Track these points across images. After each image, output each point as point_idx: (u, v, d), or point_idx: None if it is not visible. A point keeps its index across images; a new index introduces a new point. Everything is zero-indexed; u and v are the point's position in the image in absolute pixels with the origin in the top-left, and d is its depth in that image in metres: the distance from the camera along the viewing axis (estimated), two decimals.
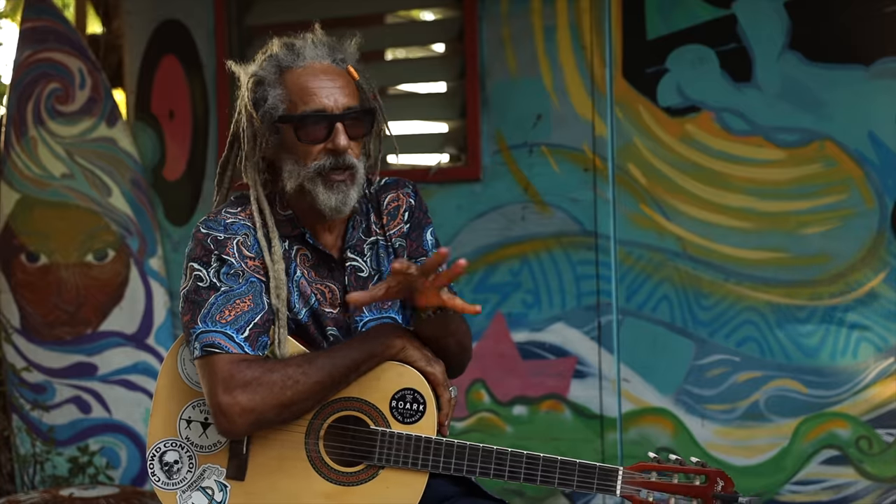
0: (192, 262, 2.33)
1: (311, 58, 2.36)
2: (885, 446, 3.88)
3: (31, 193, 4.88)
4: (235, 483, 2.34)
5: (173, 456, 2.36)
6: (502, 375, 4.34)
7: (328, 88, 2.34)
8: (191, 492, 2.35)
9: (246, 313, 2.29)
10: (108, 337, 4.83)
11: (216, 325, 2.27)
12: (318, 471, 2.32)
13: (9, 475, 4.93)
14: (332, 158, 2.33)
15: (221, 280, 2.30)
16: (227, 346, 2.26)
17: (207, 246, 2.33)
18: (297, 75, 2.35)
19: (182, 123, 4.83)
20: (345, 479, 2.31)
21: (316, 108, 2.32)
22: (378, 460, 2.30)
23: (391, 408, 2.32)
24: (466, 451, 2.30)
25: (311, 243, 2.41)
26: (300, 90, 2.34)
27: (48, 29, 4.89)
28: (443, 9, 4.87)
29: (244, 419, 2.24)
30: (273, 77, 2.37)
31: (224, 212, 2.39)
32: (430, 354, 2.36)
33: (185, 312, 2.31)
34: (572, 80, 4.22)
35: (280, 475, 2.32)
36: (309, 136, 2.33)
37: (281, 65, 2.37)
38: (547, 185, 4.26)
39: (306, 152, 2.34)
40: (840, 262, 3.92)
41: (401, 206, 2.49)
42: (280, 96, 2.35)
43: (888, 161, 3.85)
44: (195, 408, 2.37)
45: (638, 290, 4.16)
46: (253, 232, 2.37)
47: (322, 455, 2.32)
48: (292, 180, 2.35)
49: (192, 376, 2.37)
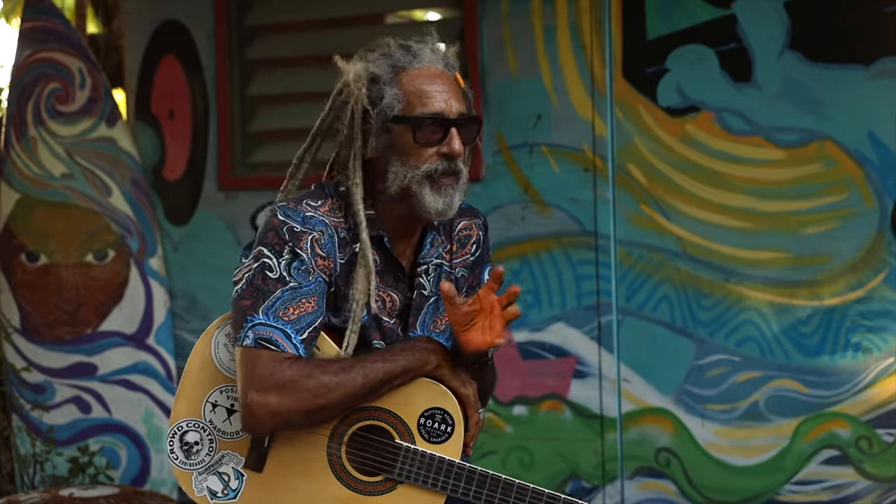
0: (262, 247, 2.27)
1: (429, 61, 2.33)
2: (885, 446, 3.88)
3: (31, 193, 4.88)
4: (252, 474, 2.32)
5: (194, 437, 2.34)
6: (502, 375, 4.29)
7: (445, 93, 2.31)
8: (207, 475, 2.33)
9: (309, 314, 2.25)
10: (108, 337, 4.83)
11: (278, 321, 2.22)
12: (336, 475, 2.30)
13: (9, 475, 4.93)
14: (444, 163, 2.30)
15: (292, 274, 2.25)
16: (283, 344, 2.22)
17: (283, 235, 2.27)
18: (414, 76, 2.32)
19: (182, 123, 4.83)
20: (362, 488, 2.29)
21: (434, 112, 2.29)
22: (398, 475, 2.28)
23: (419, 425, 2.29)
24: (487, 482, 2.26)
25: (388, 247, 2.38)
26: (418, 92, 2.30)
27: (48, 29, 4.89)
28: (443, 9, 4.87)
29: (270, 420, 2.21)
30: (389, 76, 2.32)
31: (305, 203, 2.33)
32: (465, 375, 2.34)
33: (246, 297, 2.25)
34: (572, 80, 4.22)
35: (298, 474, 2.31)
36: (426, 138, 2.29)
37: (397, 65, 2.32)
38: (547, 185, 4.26)
39: (419, 154, 2.30)
40: (840, 262, 3.91)
41: (471, 237, 2.49)
42: (396, 96, 2.30)
43: (888, 161, 3.84)
44: (223, 392, 2.34)
45: (638, 290, 4.16)
46: (329, 230, 2.31)
47: (343, 460, 2.30)
48: (397, 182, 2.31)
49: (225, 361, 2.34)
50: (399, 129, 2.31)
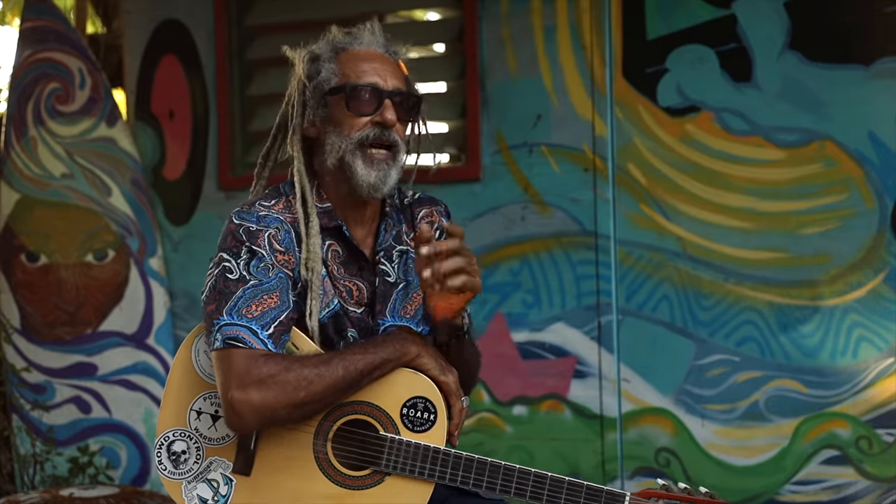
0: (221, 252, 2.32)
1: (367, 43, 2.42)
2: (885, 446, 3.88)
3: (31, 193, 4.88)
4: (241, 478, 2.33)
5: (181, 446, 2.36)
6: (502, 375, 4.34)
7: (381, 69, 2.39)
8: (196, 483, 2.34)
9: (273, 310, 2.27)
10: (108, 337, 4.83)
11: (242, 319, 2.25)
12: (324, 472, 2.31)
13: (9, 475, 4.93)
14: (377, 130, 2.36)
15: (251, 273, 2.29)
16: (251, 341, 2.24)
17: (239, 237, 2.31)
18: (352, 55, 2.41)
19: (182, 123, 4.83)
20: (350, 483, 2.30)
21: (368, 82, 2.37)
22: (385, 466, 2.29)
23: (402, 415, 2.30)
24: (474, 465, 2.28)
25: (347, 236, 2.41)
26: (353, 66, 2.39)
27: (48, 29, 4.89)
28: (443, 9, 4.86)
29: (255, 417, 2.22)
30: (328, 54, 2.42)
31: (258, 203, 2.38)
32: (445, 363, 2.35)
33: (210, 302, 2.29)
34: (572, 80, 4.22)
35: (286, 474, 2.32)
36: (358, 106, 2.36)
37: (337, 45, 2.43)
38: (547, 185, 4.26)
39: (352, 123, 2.36)
40: (840, 262, 3.92)
41: (433, 224, 2.52)
42: (333, 70, 2.40)
43: (888, 161, 3.85)
44: (206, 400, 2.36)
45: (638, 290, 4.16)
46: (285, 226, 2.35)
47: (329, 457, 2.31)
48: (333, 154, 2.37)
49: (206, 368, 2.36)
50: (334, 100, 2.38)
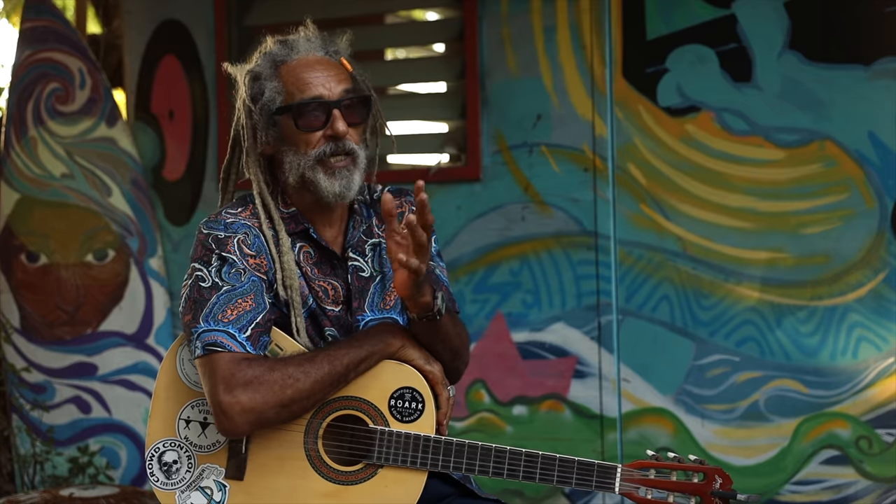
0: (193, 263, 2.34)
1: (305, 51, 2.40)
2: (885, 446, 3.88)
3: (30, 193, 4.88)
4: (234, 483, 2.33)
5: (172, 456, 2.36)
6: (502, 375, 4.34)
7: (323, 77, 2.37)
8: (190, 492, 2.34)
9: (248, 312, 2.29)
10: (108, 337, 4.83)
11: (218, 324, 2.27)
12: (316, 470, 2.32)
13: (9, 475, 4.93)
14: (332, 144, 2.35)
15: (223, 279, 2.30)
16: (230, 344, 2.25)
17: (208, 245, 2.34)
18: (292, 68, 2.38)
19: (182, 123, 4.83)
20: (343, 478, 2.31)
21: (313, 96, 2.35)
22: (377, 459, 2.30)
23: (390, 406, 2.32)
24: (465, 450, 2.30)
25: (315, 238, 2.42)
26: (296, 81, 2.36)
27: (48, 29, 4.89)
28: (443, 9, 4.87)
29: (244, 418, 2.23)
30: (269, 71, 2.39)
31: (224, 212, 2.40)
32: (430, 355, 2.36)
33: (186, 312, 2.31)
34: (572, 80, 4.22)
35: (279, 474, 2.32)
36: (307, 123, 2.35)
37: (276, 59, 2.40)
38: (547, 185, 4.26)
39: (306, 141, 2.35)
40: (840, 262, 3.91)
41: (404, 213, 2.51)
42: (276, 88, 2.37)
43: (888, 161, 3.85)
44: (194, 408, 2.37)
45: (638, 290, 4.16)
46: (254, 231, 2.37)
47: (321, 454, 2.32)
48: (293, 172, 2.37)
49: (191, 376, 2.37)
50: (283, 119, 2.37)
